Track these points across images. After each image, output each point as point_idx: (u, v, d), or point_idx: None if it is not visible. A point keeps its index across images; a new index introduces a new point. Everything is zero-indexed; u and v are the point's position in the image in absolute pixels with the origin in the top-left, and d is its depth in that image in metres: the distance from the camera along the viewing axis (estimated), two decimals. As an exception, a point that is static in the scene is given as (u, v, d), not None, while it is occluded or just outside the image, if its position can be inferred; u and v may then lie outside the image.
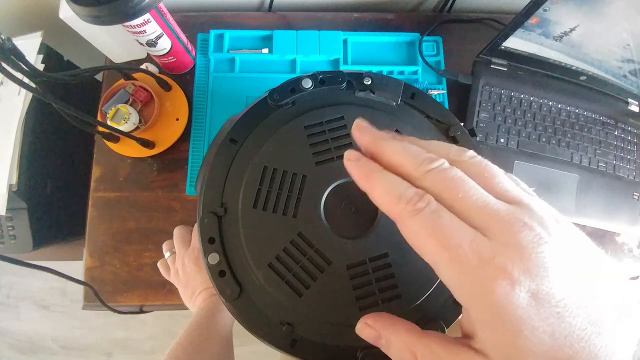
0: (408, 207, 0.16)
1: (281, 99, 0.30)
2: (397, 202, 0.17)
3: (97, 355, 1.20)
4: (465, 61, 0.58)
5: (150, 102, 0.52)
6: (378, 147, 0.19)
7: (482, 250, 0.15)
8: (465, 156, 0.18)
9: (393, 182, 0.17)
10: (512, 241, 0.15)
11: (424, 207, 0.16)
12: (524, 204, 0.16)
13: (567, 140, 0.55)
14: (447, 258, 0.15)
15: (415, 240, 0.16)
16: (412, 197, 0.16)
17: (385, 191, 0.17)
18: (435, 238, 0.16)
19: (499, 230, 0.15)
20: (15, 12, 0.56)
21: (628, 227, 0.55)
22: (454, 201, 0.16)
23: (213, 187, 0.28)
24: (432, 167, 0.17)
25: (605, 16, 0.46)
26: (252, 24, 0.59)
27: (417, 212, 0.16)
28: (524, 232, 0.15)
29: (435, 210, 0.16)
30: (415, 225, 0.16)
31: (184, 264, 0.44)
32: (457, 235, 0.15)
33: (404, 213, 0.16)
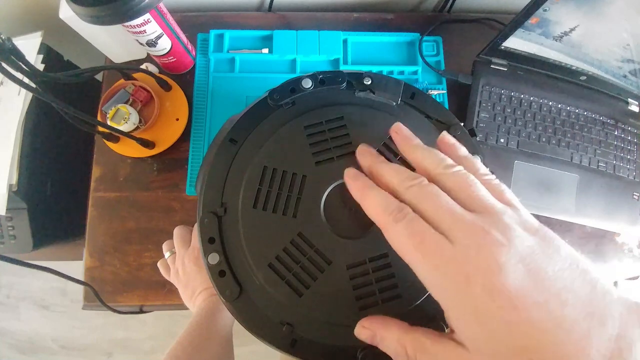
0: (391, 216, 0.20)
1: (281, 99, 0.30)
2: (383, 213, 0.20)
3: (97, 355, 1.20)
4: (465, 61, 0.58)
5: (150, 102, 0.52)
6: (374, 168, 0.24)
7: (444, 251, 0.18)
8: (448, 169, 0.21)
9: (381, 197, 0.21)
10: (470, 243, 0.18)
11: (403, 217, 0.19)
12: (493, 212, 0.19)
13: (567, 140, 0.55)
14: (419, 258, 0.19)
15: (397, 244, 0.20)
16: (394, 208, 0.20)
17: (374, 204, 0.21)
18: (410, 241, 0.19)
19: (460, 234, 0.18)
20: (15, 12, 0.56)
21: (628, 227, 0.55)
22: (427, 211, 0.19)
23: (213, 187, 0.28)
24: (412, 183, 0.21)
25: (605, 16, 0.46)
26: (252, 24, 0.59)
27: (398, 221, 0.19)
28: (481, 236, 0.18)
29: (412, 219, 0.19)
30: (396, 232, 0.20)
31: (184, 264, 0.44)
32: (427, 239, 0.18)
33: (388, 221, 0.20)
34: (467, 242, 0.18)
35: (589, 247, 0.55)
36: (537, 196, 0.54)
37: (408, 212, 0.20)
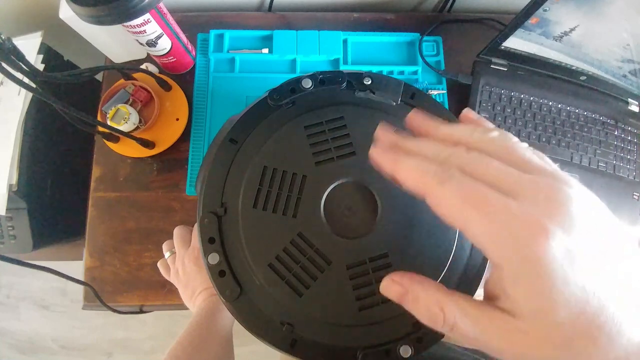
0: (435, 178, 0.17)
1: (281, 99, 0.30)
2: (423, 176, 0.17)
3: (97, 355, 1.20)
4: (465, 61, 0.58)
5: (150, 102, 0.52)
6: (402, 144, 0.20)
7: (513, 208, 0.15)
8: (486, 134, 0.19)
9: (418, 161, 0.18)
10: (545, 198, 0.15)
11: (450, 177, 0.17)
12: (549, 171, 0.17)
13: (567, 140, 0.55)
14: (479, 217, 0.16)
15: (445, 208, 0.17)
16: (436, 169, 0.17)
17: (411, 169, 0.18)
18: (465, 200, 0.16)
19: (526, 191, 0.16)
20: (15, 12, 0.56)
21: (628, 227, 0.55)
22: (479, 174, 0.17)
23: (213, 187, 0.28)
24: (453, 151, 0.18)
25: (605, 16, 0.46)
26: (252, 24, 0.59)
27: (445, 181, 0.17)
28: (555, 191, 0.16)
29: (462, 178, 0.17)
30: (444, 193, 0.17)
31: (184, 264, 0.44)
32: (487, 196, 0.16)
33: (432, 183, 0.17)
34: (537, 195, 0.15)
35: None
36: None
37: (454, 171, 0.17)
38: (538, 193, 0.16)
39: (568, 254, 0.15)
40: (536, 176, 0.16)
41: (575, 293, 0.14)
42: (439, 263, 0.27)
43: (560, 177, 0.17)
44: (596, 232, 0.15)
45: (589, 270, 0.15)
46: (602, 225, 0.16)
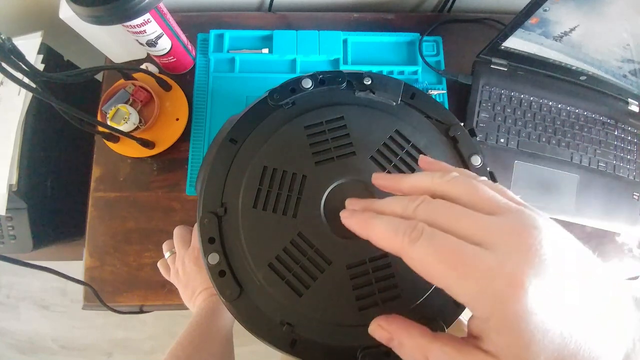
0: (406, 238, 0.17)
1: (281, 99, 0.30)
2: (395, 237, 0.18)
3: (97, 355, 1.20)
4: (465, 61, 0.58)
5: (150, 102, 0.52)
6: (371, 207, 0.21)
7: (488, 262, 0.16)
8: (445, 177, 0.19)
9: (387, 221, 0.19)
10: (517, 247, 0.16)
11: (419, 235, 0.17)
12: (513, 211, 0.17)
13: (567, 140, 0.55)
14: (456, 277, 0.16)
15: (422, 268, 0.17)
16: (406, 228, 0.18)
17: (382, 230, 0.19)
18: (439, 260, 0.16)
19: (500, 239, 0.16)
20: (15, 12, 0.56)
21: (628, 227, 0.55)
22: (449, 225, 0.17)
23: (213, 187, 0.28)
24: (418, 202, 0.19)
25: (605, 16, 0.46)
26: (252, 24, 0.59)
27: (416, 240, 0.17)
28: (525, 236, 0.16)
29: (432, 234, 0.17)
30: (418, 253, 0.17)
31: (184, 264, 0.44)
32: (459, 252, 0.16)
33: (405, 244, 0.17)
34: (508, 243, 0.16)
35: (589, 247, 0.54)
36: (537, 196, 0.54)
37: (424, 227, 0.17)
38: (508, 240, 0.16)
39: (545, 303, 0.15)
40: (504, 219, 0.17)
41: (553, 340, 0.15)
42: None
43: (526, 215, 0.17)
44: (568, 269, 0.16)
45: (565, 313, 0.15)
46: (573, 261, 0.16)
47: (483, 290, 0.16)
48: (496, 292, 0.15)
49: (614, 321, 0.16)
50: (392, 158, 0.29)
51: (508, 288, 0.15)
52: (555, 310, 0.15)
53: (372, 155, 0.29)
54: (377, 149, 0.29)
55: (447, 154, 0.30)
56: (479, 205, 0.18)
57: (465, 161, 0.30)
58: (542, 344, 0.15)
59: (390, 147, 0.29)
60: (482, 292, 0.16)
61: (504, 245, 0.16)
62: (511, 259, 0.15)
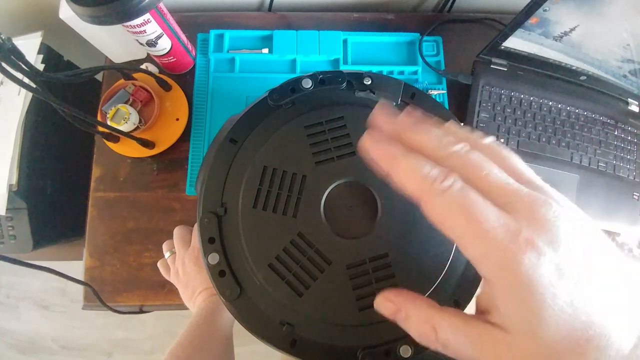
0: (435, 185, 0.16)
1: (281, 99, 0.30)
2: (422, 182, 0.17)
3: (97, 355, 1.20)
4: (465, 61, 0.58)
5: (150, 102, 0.52)
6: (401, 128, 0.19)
7: (509, 225, 0.16)
8: (485, 141, 0.19)
9: (417, 162, 0.17)
10: (536, 216, 0.16)
11: (450, 186, 0.16)
12: (539, 185, 0.17)
13: (567, 140, 0.55)
14: (474, 233, 0.16)
15: (442, 218, 0.17)
16: (437, 175, 0.17)
17: (409, 170, 0.17)
18: (462, 215, 0.16)
19: (522, 206, 0.16)
20: (15, 12, 0.56)
21: (628, 227, 0.55)
22: (478, 181, 0.17)
23: (213, 187, 0.28)
24: (455, 149, 0.17)
25: (605, 16, 0.46)
26: (252, 24, 0.59)
27: (444, 191, 0.16)
28: (546, 207, 0.16)
29: (462, 189, 0.16)
30: (443, 204, 0.16)
31: (184, 264, 0.44)
32: (484, 210, 0.16)
33: (431, 192, 0.17)
34: (530, 213, 0.16)
35: None
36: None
37: (455, 179, 0.16)
38: (531, 209, 0.16)
39: (557, 271, 0.15)
40: (530, 191, 0.17)
41: (564, 309, 0.15)
42: (439, 263, 0.27)
43: (550, 192, 0.17)
44: (583, 247, 0.16)
45: (578, 286, 0.15)
46: (589, 241, 0.16)
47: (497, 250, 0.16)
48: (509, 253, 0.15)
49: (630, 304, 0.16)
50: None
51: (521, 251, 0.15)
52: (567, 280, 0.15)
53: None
54: None
55: None
56: (512, 172, 0.18)
57: (465, 161, 0.30)
58: (553, 311, 0.15)
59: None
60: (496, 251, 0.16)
61: (526, 213, 0.16)
62: (530, 225, 0.16)
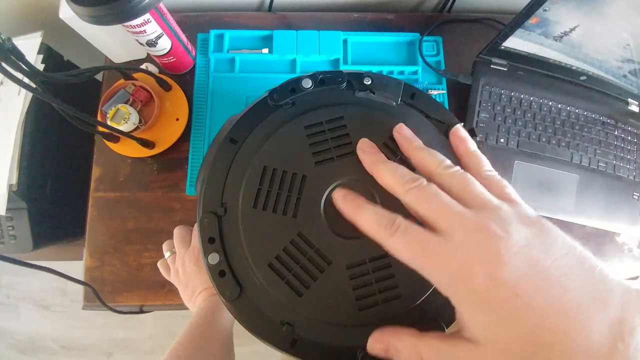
0: (386, 231, 0.21)
1: (281, 99, 0.30)
2: (377, 228, 0.21)
3: (97, 355, 1.20)
4: (465, 61, 0.58)
5: (150, 102, 0.52)
6: (375, 168, 0.24)
7: (444, 251, 0.19)
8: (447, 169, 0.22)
9: (372, 212, 0.22)
10: (469, 238, 0.18)
11: (396, 229, 0.20)
12: (490, 207, 0.20)
13: (567, 140, 0.55)
14: (422, 263, 0.19)
15: (398, 255, 0.20)
16: (387, 222, 0.21)
17: (367, 221, 0.22)
18: (410, 251, 0.20)
19: (458, 231, 0.19)
20: (15, 12, 0.56)
21: (628, 227, 0.55)
22: (425, 212, 0.20)
23: (213, 187, 0.28)
24: (412, 185, 0.21)
25: (605, 16, 0.46)
26: (252, 24, 0.59)
27: (393, 233, 0.20)
28: (479, 230, 0.18)
29: (405, 229, 0.20)
30: (394, 244, 0.20)
31: (184, 264, 0.44)
32: (424, 244, 0.19)
33: (385, 236, 0.21)
34: (466, 237, 0.18)
35: (589, 247, 0.55)
36: (537, 196, 0.54)
37: (400, 222, 0.20)
38: (468, 234, 0.18)
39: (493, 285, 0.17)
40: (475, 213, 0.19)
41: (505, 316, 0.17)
42: None
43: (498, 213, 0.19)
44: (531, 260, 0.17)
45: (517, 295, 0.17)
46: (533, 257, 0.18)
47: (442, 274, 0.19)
48: (451, 275, 0.18)
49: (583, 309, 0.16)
50: (392, 158, 0.29)
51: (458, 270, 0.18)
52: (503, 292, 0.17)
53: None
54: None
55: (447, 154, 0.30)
56: (463, 198, 0.20)
57: (465, 161, 0.30)
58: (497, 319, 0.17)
59: (390, 147, 0.29)
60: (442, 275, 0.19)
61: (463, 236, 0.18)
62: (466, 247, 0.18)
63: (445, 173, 0.22)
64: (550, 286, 0.17)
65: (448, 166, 0.22)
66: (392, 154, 0.29)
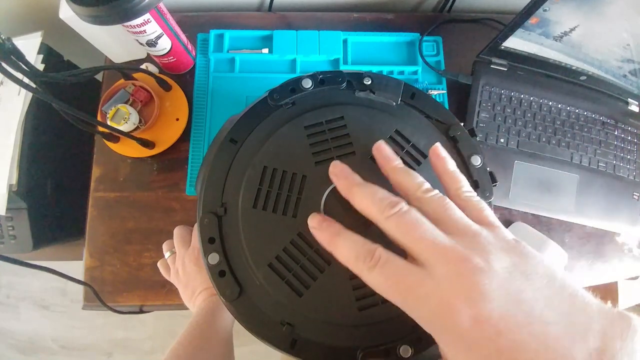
0: (365, 264, 0.20)
1: (281, 99, 0.30)
2: (355, 262, 0.20)
3: (97, 355, 1.20)
4: (465, 61, 0.58)
5: (150, 102, 0.52)
6: (350, 192, 0.23)
7: (427, 288, 0.18)
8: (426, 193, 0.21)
9: (349, 244, 0.21)
10: (452, 273, 0.18)
11: (375, 264, 0.19)
12: (469, 234, 0.19)
13: (567, 140, 0.55)
14: (402, 301, 0.19)
15: (378, 289, 0.20)
16: (365, 256, 0.20)
17: (344, 253, 0.21)
18: (390, 286, 0.19)
19: (438, 264, 0.18)
20: (15, 12, 0.56)
21: (628, 227, 0.55)
22: (410, 242, 0.19)
23: (213, 187, 0.28)
24: (392, 212, 0.20)
25: (605, 16, 0.46)
26: (252, 24, 0.59)
27: (372, 268, 0.19)
28: (463, 264, 0.18)
29: (384, 263, 0.19)
30: (373, 278, 0.19)
31: (184, 264, 0.44)
32: (404, 279, 0.19)
33: (363, 270, 0.20)
34: (446, 271, 0.18)
35: (589, 247, 0.55)
36: (537, 196, 0.54)
37: (379, 255, 0.19)
38: (449, 267, 0.18)
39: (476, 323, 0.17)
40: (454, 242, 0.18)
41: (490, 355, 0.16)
42: None
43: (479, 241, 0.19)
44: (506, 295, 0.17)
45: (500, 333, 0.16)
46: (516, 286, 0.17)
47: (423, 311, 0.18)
48: (432, 313, 0.18)
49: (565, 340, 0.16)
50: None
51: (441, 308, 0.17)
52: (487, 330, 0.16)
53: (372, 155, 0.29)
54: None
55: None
56: (443, 222, 0.20)
57: (465, 161, 0.30)
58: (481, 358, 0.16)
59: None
60: (423, 312, 0.18)
61: (444, 271, 0.18)
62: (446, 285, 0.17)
63: (424, 197, 0.21)
64: (532, 321, 0.16)
65: (427, 190, 0.22)
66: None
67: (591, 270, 0.55)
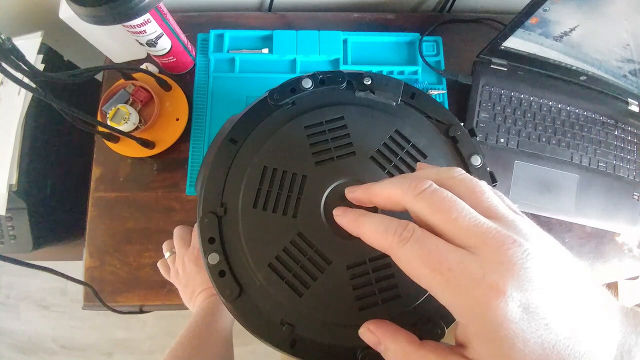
0: (395, 238, 0.18)
1: (281, 99, 0.30)
2: (385, 236, 0.18)
3: (97, 355, 1.20)
4: (465, 61, 0.58)
5: (150, 102, 0.52)
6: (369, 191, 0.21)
7: (472, 271, 0.16)
8: (454, 173, 0.19)
9: (378, 219, 0.19)
10: (502, 258, 0.16)
11: (410, 236, 0.17)
12: (510, 220, 0.17)
13: (567, 140, 0.55)
14: (440, 281, 0.16)
15: (409, 269, 0.18)
16: (397, 228, 0.18)
17: (373, 229, 0.19)
18: (425, 264, 0.17)
19: (488, 248, 0.16)
20: (15, 12, 0.56)
21: (628, 227, 0.55)
22: (446, 222, 0.17)
23: (213, 187, 0.28)
24: (422, 188, 0.18)
25: (605, 16, 0.46)
26: (252, 24, 0.59)
27: (405, 241, 0.17)
28: (513, 249, 0.16)
29: (421, 237, 0.17)
30: (406, 254, 0.17)
31: (184, 264, 0.44)
32: (445, 258, 0.16)
33: (394, 244, 0.18)
34: (494, 255, 0.16)
35: (589, 247, 0.55)
36: (537, 196, 0.54)
37: (414, 228, 0.17)
38: (499, 252, 0.16)
39: (526, 315, 0.15)
40: (496, 227, 0.17)
41: (534, 350, 0.15)
42: None
43: (522, 229, 0.17)
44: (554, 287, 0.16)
45: (548, 328, 0.15)
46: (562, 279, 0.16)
47: (464, 297, 0.16)
48: (476, 299, 0.16)
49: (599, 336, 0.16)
50: (392, 158, 0.29)
51: (488, 297, 0.15)
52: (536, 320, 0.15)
53: (372, 155, 0.29)
54: (377, 149, 0.29)
55: (447, 154, 0.30)
56: (480, 206, 0.18)
57: (465, 161, 0.30)
58: (523, 353, 0.15)
59: (390, 147, 0.29)
60: (463, 298, 0.16)
61: (491, 254, 0.16)
62: (495, 269, 0.16)
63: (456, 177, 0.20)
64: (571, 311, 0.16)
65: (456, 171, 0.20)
66: (392, 154, 0.29)
67: (591, 270, 0.55)
